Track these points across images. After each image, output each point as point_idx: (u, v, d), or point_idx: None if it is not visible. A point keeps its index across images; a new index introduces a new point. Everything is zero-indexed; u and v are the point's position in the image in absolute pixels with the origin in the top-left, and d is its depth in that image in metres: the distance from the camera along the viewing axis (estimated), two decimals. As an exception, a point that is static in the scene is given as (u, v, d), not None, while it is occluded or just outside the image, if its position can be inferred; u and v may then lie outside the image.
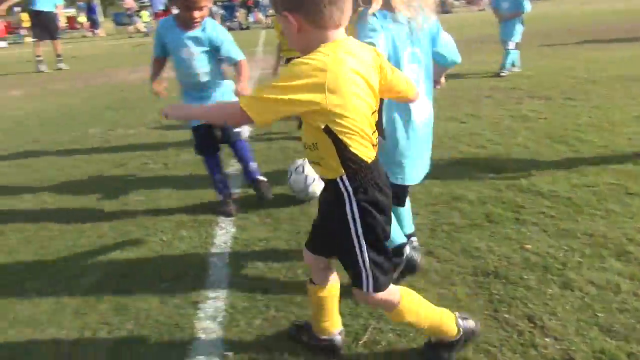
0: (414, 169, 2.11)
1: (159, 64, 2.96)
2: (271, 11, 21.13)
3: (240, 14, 23.76)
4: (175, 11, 2.95)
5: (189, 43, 2.77)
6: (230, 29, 20.79)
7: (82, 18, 26.90)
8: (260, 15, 23.08)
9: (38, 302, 2.26)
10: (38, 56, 10.68)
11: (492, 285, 2.14)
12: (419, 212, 2.85)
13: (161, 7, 24.45)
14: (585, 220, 2.63)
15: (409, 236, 2.32)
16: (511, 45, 6.62)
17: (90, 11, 25.74)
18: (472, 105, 5.20)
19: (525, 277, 2.17)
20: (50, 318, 2.13)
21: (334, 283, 1.77)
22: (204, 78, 2.84)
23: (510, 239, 2.51)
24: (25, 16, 25.06)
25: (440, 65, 2.17)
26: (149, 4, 25.70)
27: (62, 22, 11.15)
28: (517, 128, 4.30)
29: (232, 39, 2.87)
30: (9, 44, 22.64)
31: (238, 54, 2.87)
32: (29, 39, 24.60)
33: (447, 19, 17.79)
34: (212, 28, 2.79)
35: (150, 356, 1.87)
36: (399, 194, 2.16)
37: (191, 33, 2.76)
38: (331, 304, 1.79)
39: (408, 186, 2.19)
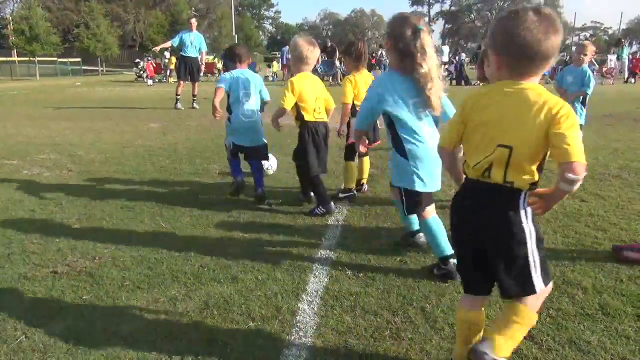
0: (424, 180, 2.73)
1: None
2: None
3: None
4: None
5: None
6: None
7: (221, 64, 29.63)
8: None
9: (138, 320, 2.42)
10: (178, 95, 11.91)
11: (602, 388, 1.89)
12: (523, 291, 2.65)
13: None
14: None
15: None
16: None
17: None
18: (596, 184, 4.80)
19: (644, 386, 1.90)
20: (146, 337, 2.27)
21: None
22: None
23: (628, 337, 2.22)
24: (173, 59, 28.29)
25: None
26: (278, 55, 28.29)
27: (202, 67, 12.37)
28: (648, 214, 3.87)
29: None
30: (154, 82, 25.53)
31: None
32: (172, 80, 27.59)
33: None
34: None
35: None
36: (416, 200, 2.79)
37: None
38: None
39: (422, 193, 2.76)
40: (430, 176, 2.73)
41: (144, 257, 3.15)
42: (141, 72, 27.25)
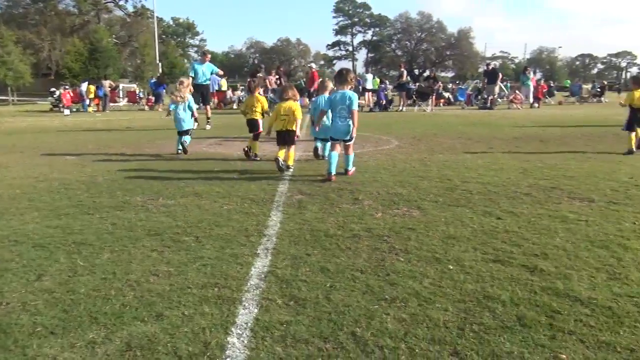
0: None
1: None
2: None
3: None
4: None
5: None
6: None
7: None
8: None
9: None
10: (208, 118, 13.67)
11: (522, 397, 1.98)
12: (448, 308, 2.75)
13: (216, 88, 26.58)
14: (626, 333, 2.46)
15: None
16: None
17: (158, 87, 27.49)
18: (510, 202, 5.12)
19: (559, 392, 2.01)
20: (62, 386, 2.10)
21: None
22: None
23: (543, 346, 2.36)
24: (92, 88, 27.20)
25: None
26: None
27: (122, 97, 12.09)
28: (555, 229, 4.17)
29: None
30: (72, 112, 24.32)
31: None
32: (91, 109, 26.50)
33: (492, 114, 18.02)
34: None
35: None
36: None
37: None
38: None
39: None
40: None
41: (58, 300, 2.94)
42: (57, 102, 25.90)
